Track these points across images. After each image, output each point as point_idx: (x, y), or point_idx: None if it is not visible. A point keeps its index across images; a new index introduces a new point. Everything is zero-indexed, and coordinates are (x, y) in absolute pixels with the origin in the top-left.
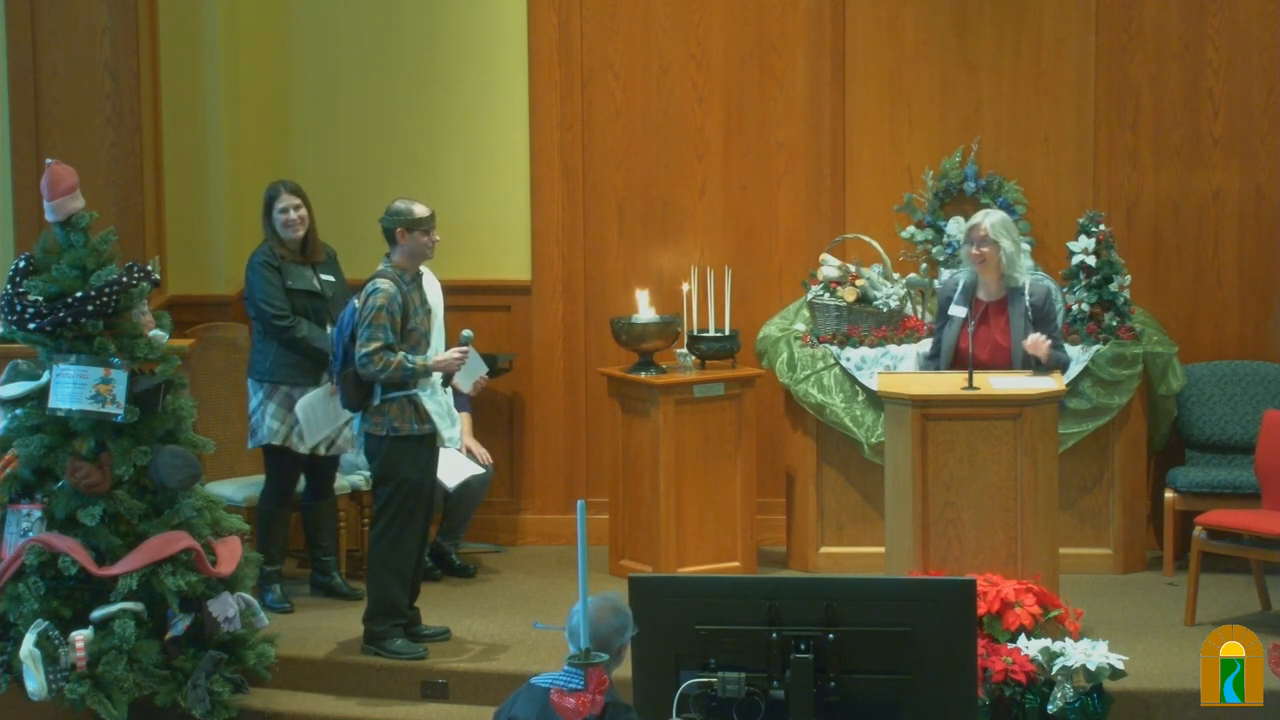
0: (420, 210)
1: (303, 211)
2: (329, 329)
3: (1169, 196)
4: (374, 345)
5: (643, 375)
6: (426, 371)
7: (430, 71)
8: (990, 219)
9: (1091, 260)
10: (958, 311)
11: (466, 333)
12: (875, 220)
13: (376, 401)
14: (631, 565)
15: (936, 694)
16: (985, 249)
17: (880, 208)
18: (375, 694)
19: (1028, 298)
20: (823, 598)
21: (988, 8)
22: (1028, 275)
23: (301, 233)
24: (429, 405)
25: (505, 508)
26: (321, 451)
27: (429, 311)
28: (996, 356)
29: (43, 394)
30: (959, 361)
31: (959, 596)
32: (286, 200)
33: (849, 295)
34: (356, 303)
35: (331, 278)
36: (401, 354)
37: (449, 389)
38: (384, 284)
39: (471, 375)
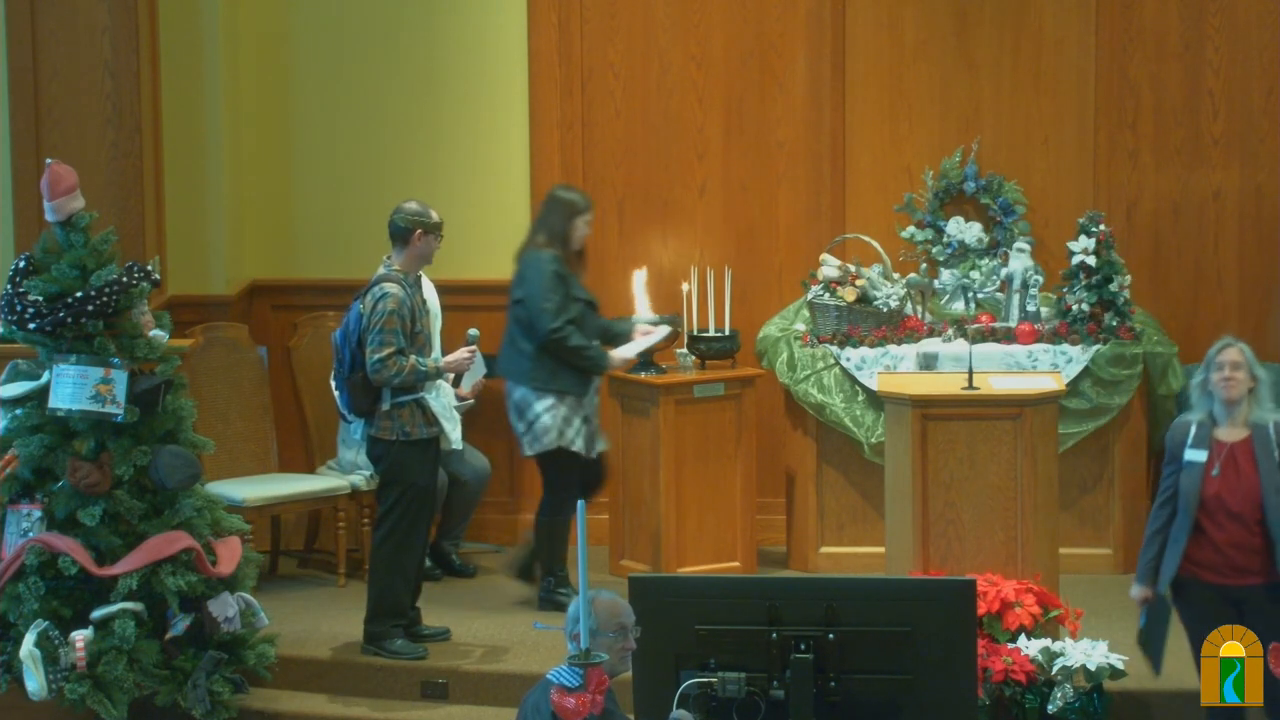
0: (436, 215)
1: (589, 230)
2: (615, 354)
3: (1169, 196)
4: (387, 351)
5: (643, 375)
6: (439, 373)
7: (430, 71)
8: (1240, 343)
9: (1091, 260)
10: (1196, 456)
11: (473, 332)
12: (875, 220)
13: (386, 406)
14: (631, 565)
15: (936, 694)
16: (1238, 374)
17: (880, 208)
18: (375, 694)
19: (1274, 435)
20: (823, 598)
21: (988, 8)
22: (1273, 413)
23: (581, 246)
24: (435, 407)
25: (505, 508)
26: (594, 453)
27: (429, 314)
28: (1249, 508)
29: (43, 394)
30: (1205, 510)
31: (959, 596)
32: (591, 214)
33: (849, 295)
34: (362, 307)
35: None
36: (414, 358)
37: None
38: (393, 288)
39: (472, 376)
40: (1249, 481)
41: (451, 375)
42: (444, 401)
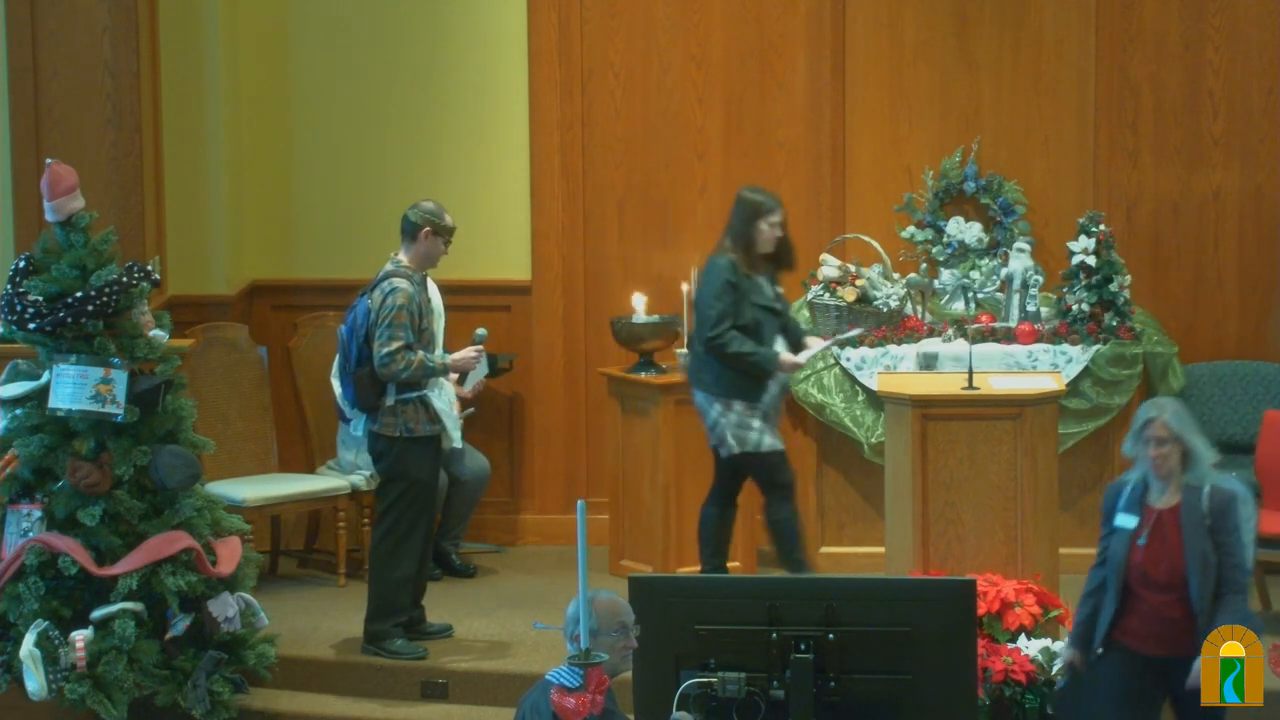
0: (449, 219)
1: (780, 232)
2: (778, 343)
3: (1169, 196)
4: (395, 345)
5: (643, 375)
6: (446, 370)
7: (430, 72)
8: (1166, 412)
9: (1091, 260)
10: (1126, 521)
11: (480, 331)
12: (875, 220)
13: (390, 402)
14: (631, 565)
15: (936, 694)
16: (1165, 449)
17: (880, 208)
18: (375, 694)
19: (1207, 503)
20: (823, 598)
21: (988, 8)
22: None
23: (772, 249)
24: (438, 405)
25: (505, 508)
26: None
27: (434, 313)
28: (1175, 578)
29: (43, 394)
30: (1130, 578)
31: (959, 596)
32: (779, 216)
33: (849, 295)
34: (369, 302)
35: (781, 290)
36: (422, 353)
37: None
38: (402, 284)
39: (475, 376)
40: (1174, 552)
41: (456, 374)
42: (446, 400)
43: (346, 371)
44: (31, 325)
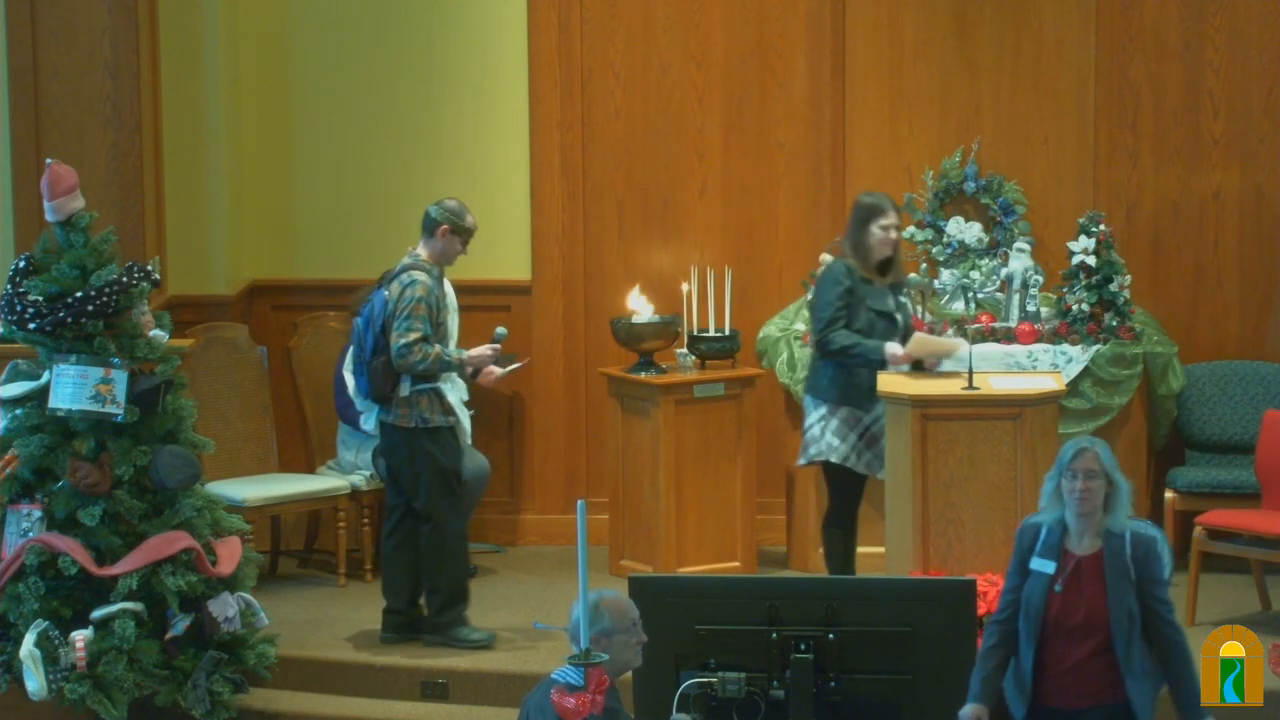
0: (470, 221)
1: (895, 234)
2: (888, 348)
3: (1169, 196)
4: (413, 336)
5: (643, 375)
6: (462, 365)
7: (430, 72)
8: (1097, 446)
9: (1091, 260)
10: (1043, 566)
11: (500, 330)
12: None
13: (405, 393)
14: (631, 565)
15: (936, 694)
16: (1094, 483)
17: None
18: (375, 694)
19: (1129, 548)
20: (823, 598)
21: (988, 8)
22: (1129, 522)
23: (889, 252)
24: (451, 398)
25: (505, 508)
26: (879, 475)
27: (449, 309)
28: (1093, 626)
29: (43, 394)
30: (1046, 628)
31: (959, 596)
32: (891, 218)
33: None
34: (387, 294)
35: (906, 300)
36: (439, 346)
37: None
38: (421, 276)
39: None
40: (1093, 600)
41: (470, 370)
42: (458, 395)
43: (361, 361)
44: (31, 325)
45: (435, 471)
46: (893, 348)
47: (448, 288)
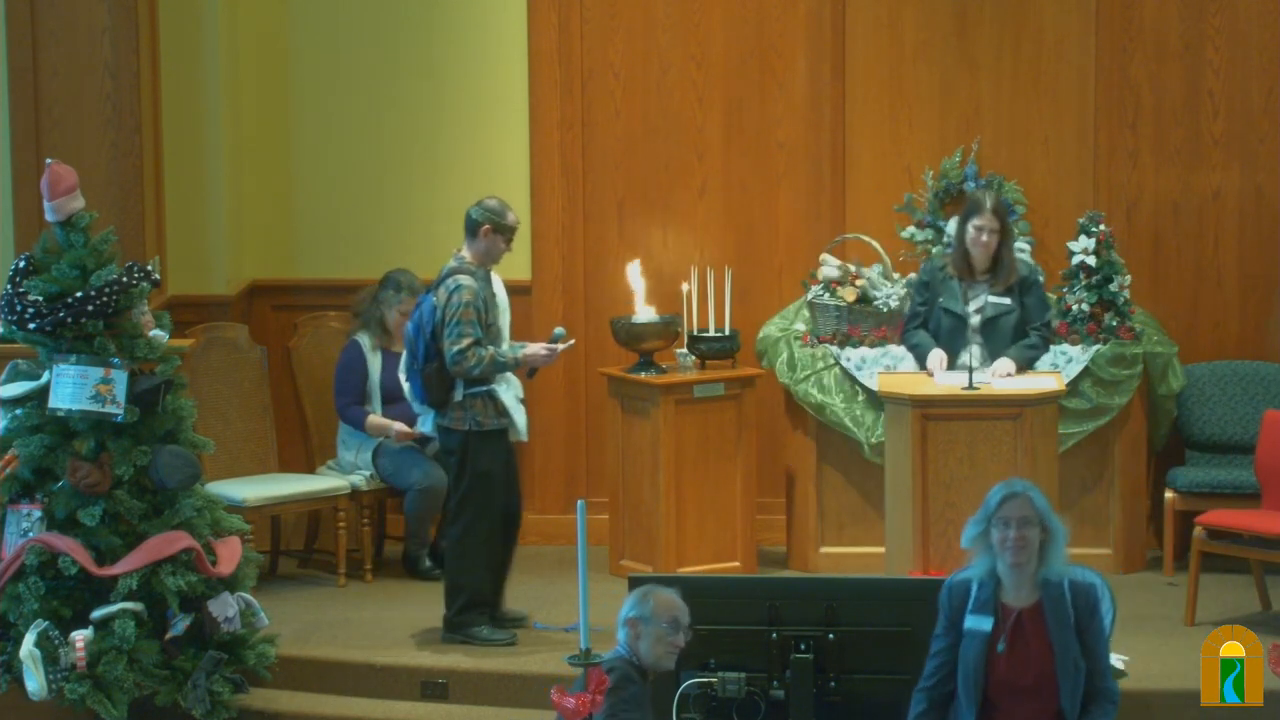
0: (512, 218)
1: (986, 237)
2: (972, 351)
3: (1169, 196)
4: (466, 341)
5: (643, 375)
6: (517, 364)
7: (430, 71)
8: (1029, 490)
9: (1091, 260)
10: (980, 624)
11: (559, 330)
12: (875, 220)
13: (459, 397)
14: (631, 565)
15: None
16: (1028, 532)
17: (880, 208)
18: (375, 694)
19: (1069, 595)
20: (823, 598)
21: (988, 8)
22: (1066, 568)
23: (976, 252)
24: (505, 399)
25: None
26: None
27: (499, 308)
28: (1043, 684)
29: (43, 394)
30: (990, 690)
31: None
32: (983, 219)
33: (849, 295)
34: (435, 300)
35: (1007, 301)
36: (492, 349)
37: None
38: (466, 280)
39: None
40: (1041, 656)
41: (527, 369)
42: (513, 394)
43: (414, 369)
44: (31, 325)
45: (477, 474)
46: (935, 356)
47: (498, 287)
